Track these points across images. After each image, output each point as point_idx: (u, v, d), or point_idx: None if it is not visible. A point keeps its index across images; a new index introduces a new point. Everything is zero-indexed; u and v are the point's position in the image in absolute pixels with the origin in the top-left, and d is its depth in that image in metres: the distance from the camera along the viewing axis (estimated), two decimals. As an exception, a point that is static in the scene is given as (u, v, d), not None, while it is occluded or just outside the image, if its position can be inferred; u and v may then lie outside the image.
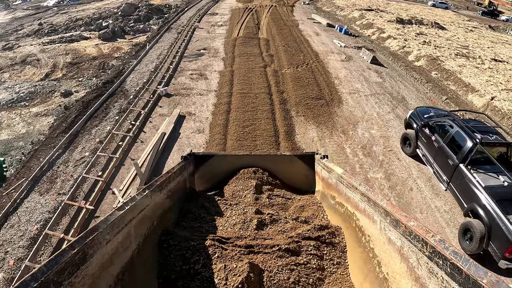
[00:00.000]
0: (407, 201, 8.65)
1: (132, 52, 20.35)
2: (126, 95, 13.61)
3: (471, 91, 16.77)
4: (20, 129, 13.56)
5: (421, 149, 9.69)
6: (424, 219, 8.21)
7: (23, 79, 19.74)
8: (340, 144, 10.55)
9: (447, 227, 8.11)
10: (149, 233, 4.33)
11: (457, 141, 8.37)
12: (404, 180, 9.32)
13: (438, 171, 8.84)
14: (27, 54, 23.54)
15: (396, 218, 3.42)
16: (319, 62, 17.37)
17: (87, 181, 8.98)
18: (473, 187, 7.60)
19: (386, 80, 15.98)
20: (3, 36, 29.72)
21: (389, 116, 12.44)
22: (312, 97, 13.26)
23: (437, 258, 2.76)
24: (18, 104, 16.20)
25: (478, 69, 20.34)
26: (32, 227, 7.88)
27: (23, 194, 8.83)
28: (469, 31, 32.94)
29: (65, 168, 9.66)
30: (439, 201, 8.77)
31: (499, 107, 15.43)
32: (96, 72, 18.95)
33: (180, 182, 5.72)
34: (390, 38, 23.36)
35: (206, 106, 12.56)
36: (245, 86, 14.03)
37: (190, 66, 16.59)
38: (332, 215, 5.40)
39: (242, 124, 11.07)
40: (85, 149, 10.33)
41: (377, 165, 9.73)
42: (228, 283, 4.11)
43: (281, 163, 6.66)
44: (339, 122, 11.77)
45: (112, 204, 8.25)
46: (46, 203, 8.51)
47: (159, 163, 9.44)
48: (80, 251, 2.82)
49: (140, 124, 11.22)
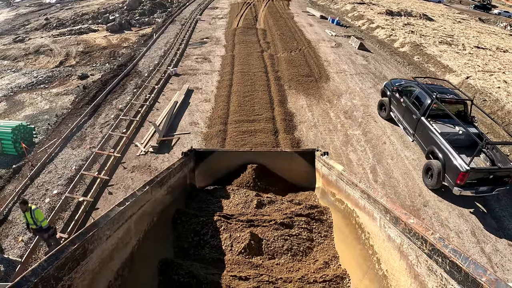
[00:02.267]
0: (380, 151, 10.46)
1: (140, 41, 22.12)
2: (140, 75, 15.41)
3: (449, 71, 18.55)
4: (43, 106, 15.29)
5: (393, 111, 11.49)
6: (394, 165, 9.99)
7: (38, 67, 21.38)
8: (325, 110, 12.37)
9: (413, 170, 9.88)
10: (149, 229, 4.40)
11: (419, 99, 10.17)
12: (379, 136, 11.13)
13: (406, 126, 10.65)
14: (40, 45, 25.11)
15: (396, 216, 3.43)
16: (311, 48, 19.15)
17: (113, 138, 10.75)
18: (432, 134, 9.38)
19: (370, 63, 17.76)
20: (11, 30, 31.21)
21: (370, 90, 14.23)
22: (303, 75, 15.09)
23: (436, 256, 2.77)
24: (38, 86, 17.88)
25: (459, 54, 22.11)
26: (68, 171, 9.62)
27: (57, 149, 10.55)
28: (457, 23, 34.61)
29: (92, 130, 11.44)
30: (408, 152, 10.56)
31: (472, 85, 17.22)
32: (107, 60, 20.71)
33: (180, 178, 5.75)
34: (378, 28, 25.15)
35: (211, 82, 14.39)
36: (244, 67, 15.84)
37: (195, 52, 18.39)
38: (332, 212, 5.47)
39: (242, 94, 12.89)
40: (108, 115, 12.13)
41: (356, 125, 11.54)
42: (233, 249, 4.83)
43: (281, 160, 6.66)
44: (326, 94, 13.59)
45: (135, 153, 10.06)
46: (78, 154, 10.28)
47: (173, 123, 11.27)
48: (80, 246, 2.84)
49: (155, 96, 13.04)
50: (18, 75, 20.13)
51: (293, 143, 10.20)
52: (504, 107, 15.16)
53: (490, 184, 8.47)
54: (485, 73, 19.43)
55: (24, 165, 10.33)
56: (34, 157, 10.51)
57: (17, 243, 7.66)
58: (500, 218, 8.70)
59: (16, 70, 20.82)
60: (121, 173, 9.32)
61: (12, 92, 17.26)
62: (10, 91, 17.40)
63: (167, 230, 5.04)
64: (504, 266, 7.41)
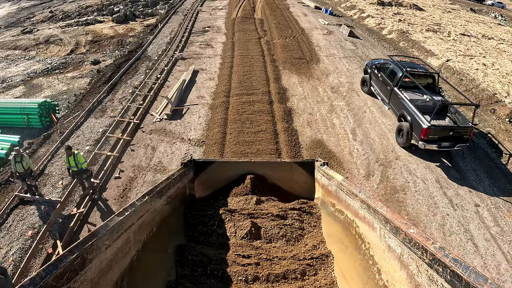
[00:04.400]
0: (361, 117, 12.21)
1: (146, 31, 23.74)
2: (150, 59, 17.11)
3: (431, 55, 20.24)
4: (61, 88, 16.88)
5: (373, 86, 13.22)
6: (372, 129, 11.74)
7: (50, 55, 22.84)
8: (314, 86, 14.13)
9: (388, 133, 11.60)
10: (148, 239, 4.44)
11: (393, 73, 11.90)
12: (361, 107, 12.88)
13: (383, 97, 12.40)
14: (49, 35, 26.46)
15: (396, 226, 3.42)
16: (304, 35, 20.83)
17: (130, 109, 12.47)
18: (402, 101, 11.12)
19: (359, 48, 19.46)
20: (17, 23, 32.39)
21: (356, 71, 15.96)
22: (296, 58, 16.82)
23: (437, 266, 2.75)
24: (53, 72, 19.39)
25: (443, 40, 23.76)
26: (95, 135, 11.33)
27: (82, 119, 12.20)
28: (447, 12, 36.07)
29: (112, 103, 13.15)
30: (384, 119, 12.31)
31: (452, 67, 18.91)
32: (116, 48, 22.33)
33: (179, 189, 5.86)
34: (369, 17, 26.79)
35: (214, 65, 16.13)
36: (243, 51, 17.55)
37: (198, 39, 20.08)
38: (332, 222, 5.54)
39: (242, 74, 14.65)
40: (125, 92, 13.84)
41: (341, 98, 13.31)
42: (237, 235, 5.55)
43: (281, 170, 6.76)
44: (316, 73, 15.33)
45: (151, 120, 11.80)
46: (102, 122, 11.98)
47: (182, 97, 13.04)
48: (79, 256, 2.83)
49: (165, 76, 14.79)
50: (32, 62, 21.58)
51: (285, 111, 12.00)
52: (479, 86, 16.88)
53: (451, 141, 10.14)
54: (466, 57, 21.08)
55: (53, 133, 12.01)
56: (61, 127, 12.20)
57: (55, 189, 9.36)
58: (463, 171, 10.31)
59: (29, 58, 22.19)
60: (141, 135, 11.07)
61: (29, 77, 18.75)
62: (27, 76, 18.88)
63: (179, 221, 5.59)
64: (464, 206, 9.00)
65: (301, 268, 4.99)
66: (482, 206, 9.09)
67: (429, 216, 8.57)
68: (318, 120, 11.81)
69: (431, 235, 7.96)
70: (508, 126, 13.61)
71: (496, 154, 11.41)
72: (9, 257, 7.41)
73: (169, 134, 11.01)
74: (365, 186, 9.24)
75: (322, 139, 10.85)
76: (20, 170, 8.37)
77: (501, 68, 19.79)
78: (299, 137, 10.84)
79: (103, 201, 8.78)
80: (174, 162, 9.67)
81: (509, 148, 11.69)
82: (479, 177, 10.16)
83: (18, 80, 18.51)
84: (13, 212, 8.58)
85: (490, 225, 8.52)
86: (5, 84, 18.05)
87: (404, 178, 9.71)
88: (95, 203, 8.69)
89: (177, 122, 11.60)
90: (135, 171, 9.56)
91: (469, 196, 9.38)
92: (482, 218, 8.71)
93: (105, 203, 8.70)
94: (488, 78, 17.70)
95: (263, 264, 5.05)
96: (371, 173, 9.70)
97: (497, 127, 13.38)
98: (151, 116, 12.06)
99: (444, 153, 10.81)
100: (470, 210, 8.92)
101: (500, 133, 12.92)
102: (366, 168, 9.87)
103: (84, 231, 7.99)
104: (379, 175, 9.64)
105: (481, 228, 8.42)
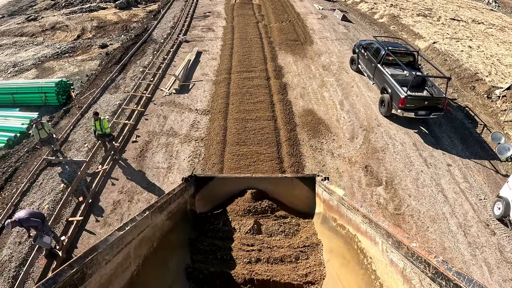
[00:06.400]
0: (348, 91, 13.64)
1: (149, 17, 24.88)
2: (155, 42, 18.41)
3: (419, 38, 21.50)
4: (72, 70, 18.05)
5: (361, 64, 14.61)
6: (358, 101, 13.16)
7: (57, 41, 23.82)
8: (307, 64, 15.52)
9: (372, 104, 12.98)
10: (148, 255, 4.43)
11: (377, 51, 13.28)
12: (349, 82, 14.30)
13: (368, 73, 13.80)
14: (55, 22, 27.30)
15: (398, 240, 3.40)
16: (299, 19, 22.07)
17: (142, 85, 13.86)
18: (385, 76, 12.52)
19: (350, 31, 20.75)
20: (20, 11, 32.93)
21: (347, 52, 17.30)
22: (291, 40, 18.15)
23: (440, 279, 2.75)
24: (63, 55, 20.44)
25: (432, 24, 24.97)
26: (111, 107, 12.73)
27: (97, 95, 13.55)
28: (440, -3, 36.97)
29: (124, 81, 14.52)
30: (370, 93, 13.72)
31: (437, 48, 20.18)
32: (121, 32, 23.46)
33: (180, 204, 5.88)
34: (362, 2, 27.93)
35: (216, 46, 17.48)
36: (242, 34, 18.85)
37: (200, 24, 21.33)
38: (333, 237, 5.53)
39: (242, 54, 16.01)
40: (135, 71, 15.21)
41: (331, 75, 14.71)
42: (241, 230, 6.04)
43: (282, 185, 6.78)
44: (309, 53, 16.69)
45: (161, 95, 13.21)
46: (117, 97, 13.37)
47: (188, 74, 14.45)
48: (79, 271, 2.84)
49: (171, 56, 16.14)
50: (41, 47, 22.59)
51: (281, 85, 13.46)
52: (462, 66, 18.20)
53: (427, 110, 11.53)
54: (452, 40, 22.32)
55: (71, 108, 13.38)
56: (78, 102, 13.56)
57: (80, 152, 10.76)
58: (439, 137, 11.63)
59: (38, 44, 23.14)
60: (153, 107, 12.50)
61: (39, 61, 19.82)
62: (38, 60, 19.93)
63: (181, 237, 5.90)
64: (437, 165, 10.31)
65: (296, 254, 5.61)
66: (453, 166, 10.41)
67: (405, 172, 9.99)
68: (310, 93, 13.24)
69: (407, 189, 9.40)
70: (486, 101, 14.98)
71: (472, 125, 12.68)
72: (43, 206, 8.87)
73: (178, 105, 12.45)
74: (349, 146, 10.73)
75: (313, 109, 12.31)
76: (43, 136, 9.69)
77: (486, 50, 21.00)
78: (293, 107, 12.30)
79: (123, 160, 10.25)
80: (184, 128, 11.15)
81: (485, 119, 12.96)
82: (454, 142, 11.47)
83: (29, 64, 19.53)
84: (42, 172, 9.99)
85: (460, 181, 9.80)
86: (17, 68, 19.11)
87: (385, 141, 11.14)
88: (116, 162, 10.15)
89: (184, 96, 13.02)
90: (150, 136, 11.03)
91: (443, 157, 10.71)
92: (453, 175, 10.01)
93: (125, 162, 10.18)
94: (472, 59, 18.98)
95: (264, 250, 5.62)
96: (355, 136, 11.18)
97: (475, 102, 14.71)
98: (161, 91, 13.46)
99: (421, 121, 12.18)
100: (443, 169, 10.24)
101: (477, 107, 14.26)
102: (351, 132, 11.34)
103: (108, 184, 9.46)
104: (362, 138, 11.11)
105: (451, 183, 9.72)
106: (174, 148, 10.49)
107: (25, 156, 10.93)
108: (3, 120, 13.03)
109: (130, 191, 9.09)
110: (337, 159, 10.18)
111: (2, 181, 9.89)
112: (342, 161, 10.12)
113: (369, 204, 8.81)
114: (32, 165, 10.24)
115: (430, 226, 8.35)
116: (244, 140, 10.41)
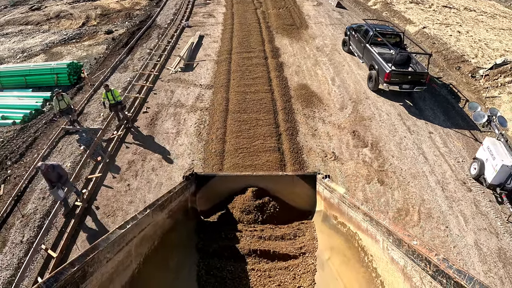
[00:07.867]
0: (340, 69, 14.80)
1: (151, 4, 25.86)
2: (160, 27, 19.50)
3: (409, 23, 22.59)
4: (80, 54, 19.03)
5: (351, 45, 15.75)
6: (348, 77, 14.31)
7: (62, 28, 24.73)
8: (302, 46, 16.66)
9: (362, 81, 14.13)
10: (149, 253, 4.45)
11: (366, 33, 14.41)
12: (341, 62, 15.45)
13: (358, 53, 14.95)
14: (59, 10, 28.03)
15: (399, 237, 3.43)
16: (296, 6, 23.13)
17: (149, 65, 14.98)
18: (372, 54, 13.66)
19: (344, 17, 21.82)
20: (22, 1, 33.31)
21: (340, 35, 18.40)
22: (288, 25, 19.27)
23: (440, 277, 2.76)
24: (70, 41, 21.34)
25: (423, 11, 26.01)
26: (122, 84, 13.87)
27: (108, 74, 14.69)
28: (433, -14, 37.87)
29: (132, 62, 15.63)
30: (360, 71, 14.87)
31: (427, 32, 21.22)
32: (125, 20, 24.44)
33: (181, 202, 5.92)
34: (356, -9, 28.91)
35: (217, 31, 18.60)
36: (242, 19, 19.96)
37: (201, 10, 22.39)
38: (334, 235, 5.55)
39: (241, 37, 17.16)
40: (142, 53, 16.32)
41: (324, 55, 15.86)
42: (244, 221, 6.44)
43: (283, 183, 6.83)
44: (304, 37, 17.82)
45: (168, 73, 14.35)
46: (126, 75, 14.49)
47: (192, 55, 15.58)
48: (80, 269, 2.86)
49: (175, 40, 17.25)
50: (48, 34, 23.44)
51: (277, 64, 14.63)
52: (449, 48, 19.28)
53: (410, 84, 12.66)
54: (442, 25, 23.37)
55: (84, 85, 14.48)
56: (90, 81, 14.66)
57: (95, 122, 11.87)
58: (422, 109, 12.69)
59: (44, 31, 23.99)
60: (160, 83, 13.66)
61: (47, 47, 20.74)
62: (46, 46, 20.82)
63: (185, 235, 6.15)
64: (419, 132, 11.30)
65: (293, 232, 6.15)
66: (435, 133, 11.45)
67: (389, 137, 11.16)
68: (304, 71, 14.41)
69: (391, 151, 10.54)
70: (470, 80, 16.09)
71: (455, 100, 13.75)
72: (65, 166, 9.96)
73: (184, 81, 13.61)
74: (339, 115, 11.92)
75: (306, 84, 13.49)
76: (62, 106, 10.79)
77: (475, 35, 22.02)
78: (288, 82, 13.48)
79: (135, 128, 11.42)
80: (190, 100, 12.34)
81: (468, 96, 14.03)
82: (436, 114, 12.52)
83: (37, 49, 20.45)
84: (61, 140, 11.11)
85: (440, 146, 10.86)
86: (26, 53, 20.07)
87: (371, 111, 12.31)
88: (129, 130, 11.32)
89: (189, 73, 14.17)
90: (159, 107, 12.19)
91: (425, 126, 11.76)
92: (434, 141, 11.07)
93: (137, 129, 11.35)
94: (460, 43, 20.06)
95: (267, 230, 6.05)
96: (344, 107, 12.36)
97: (459, 80, 15.80)
98: (167, 70, 14.60)
99: (406, 95, 13.33)
100: (424, 135, 11.29)
101: (461, 85, 15.35)
102: (341, 104, 12.53)
103: (123, 148, 10.60)
104: (351, 108, 12.30)
105: (432, 147, 10.78)
106: (182, 116, 11.67)
107: (43, 127, 12.05)
108: (18, 99, 14.14)
109: (143, 152, 10.27)
110: (327, 125, 11.38)
111: (23, 148, 11.01)
112: (332, 127, 11.31)
113: (356, 162, 10.01)
114: (51, 134, 11.36)
115: (411, 182, 9.44)
116: (244, 109, 11.60)
